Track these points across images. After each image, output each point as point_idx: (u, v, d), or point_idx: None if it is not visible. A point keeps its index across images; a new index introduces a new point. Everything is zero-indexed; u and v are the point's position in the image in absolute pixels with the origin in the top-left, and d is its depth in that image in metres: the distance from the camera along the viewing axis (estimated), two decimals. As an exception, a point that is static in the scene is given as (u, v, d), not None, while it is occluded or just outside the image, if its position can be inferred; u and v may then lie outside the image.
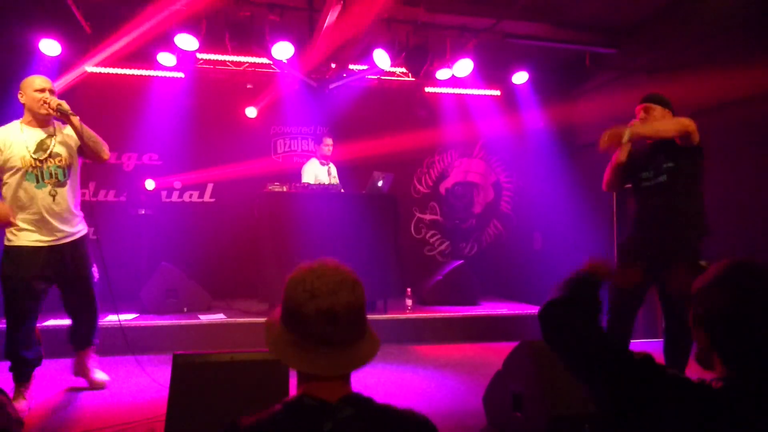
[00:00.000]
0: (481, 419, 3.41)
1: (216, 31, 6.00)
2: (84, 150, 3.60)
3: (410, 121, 8.23)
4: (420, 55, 6.51)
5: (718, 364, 1.27)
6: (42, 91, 3.48)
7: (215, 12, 5.83)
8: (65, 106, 3.45)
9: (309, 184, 6.30)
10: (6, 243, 3.49)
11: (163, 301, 5.79)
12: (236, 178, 7.50)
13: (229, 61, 7.33)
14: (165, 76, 7.31)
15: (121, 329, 4.78)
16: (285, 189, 5.97)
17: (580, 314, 1.45)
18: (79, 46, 6.47)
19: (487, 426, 3.36)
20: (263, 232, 5.99)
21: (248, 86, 7.66)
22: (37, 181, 3.45)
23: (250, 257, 6.77)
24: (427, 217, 8.51)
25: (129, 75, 7.28)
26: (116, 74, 7.22)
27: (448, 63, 6.79)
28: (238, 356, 2.63)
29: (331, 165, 6.72)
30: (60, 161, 3.53)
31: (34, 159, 3.44)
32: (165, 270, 5.87)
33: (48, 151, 3.49)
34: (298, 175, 6.70)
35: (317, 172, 6.58)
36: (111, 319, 5.33)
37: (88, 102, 7.05)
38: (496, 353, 5.05)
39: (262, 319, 5.51)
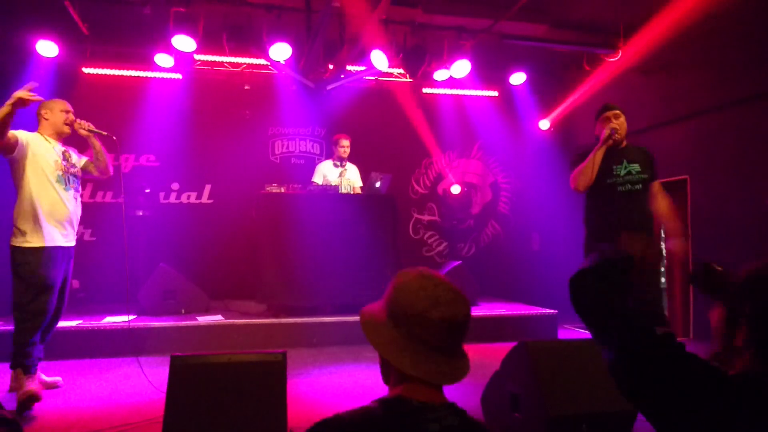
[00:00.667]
0: (479, 419, 3.41)
1: (213, 32, 6.01)
2: (97, 165, 4.07)
3: (408, 122, 8.23)
4: (418, 56, 6.52)
5: (746, 359, 1.28)
6: (68, 112, 3.91)
7: (213, 13, 5.84)
8: (93, 127, 3.96)
9: (316, 185, 6.27)
10: (32, 244, 3.66)
11: (161, 303, 5.78)
12: (234, 180, 7.51)
13: (226, 62, 7.34)
14: (162, 77, 7.32)
15: (129, 330, 4.79)
16: (283, 190, 5.97)
17: (611, 287, 1.42)
18: (77, 47, 6.47)
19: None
20: (261, 234, 5.99)
21: (246, 87, 7.66)
22: (66, 185, 3.82)
23: (248, 258, 6.77)
24: (425, 217, 8.51)
25: (126, 76, 7.28)
26: (114, 75, 7.23)
27: (446, 64, 6.80)
28: (236, 357, 2.62)
29: (349, 166, 6.55)
30: (77, 172, 3.96)
31: (63, 165, 3.82)
32: (163, 271, 5.86)
33: (69, 161, 3.90)
34: (296, 176, 6.68)
35: (327, 173, 6.47)
36: (109, 320, 5.33)
37: (85, 103, 7.05)
38: (494, 354, 5.04)
39: (260, 320, 5.52)
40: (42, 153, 3.71)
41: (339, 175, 6.44)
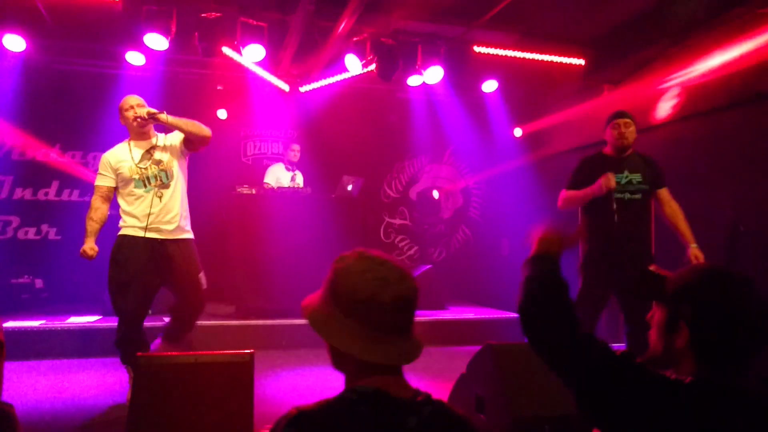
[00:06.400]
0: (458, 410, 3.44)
1: (186, 31, 5.94)
2: (187, 139, 3.84)
3: (381, 126, 8.26)
4: (391, 61, 6.55)
5: (689, 363, 1.30)
6: (130, 108, 3.75)
7: (185, 12, 5.78)
8: (152, 110, 3.72)
9: (268, 185, 6.30)
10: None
11: (128, 303, 5.67)
12: (205, 180, 7.42)
13: (199, 62, 7.25)
14: (134, 75, 7.19)
15: (95, 331, 4.70)
16: (254, 191, 5.95)
17: (553, 309, 1.45)
18: (44, 42, 6.34)
19: (451, 428, 3.39)
20: (231, 235, 5.96)
21: (218, 87, 7.60)
22: (144, 186, 3.73)
23: (218, 259, 6.69)
24: (397, 221, 8.55)
25: (95, 72, 7.14)
26: (83, 71, 7.08)
27: (419, 70, 6.85)
28: (202, 358, 2.61)
29: (298, 173, 6.70)
30: (162, 165, 3.80)
31: (139, 168, 3.72)
32: (130, 272, 5.76)
33: (151, 159, 3.76)
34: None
35: (279, 176, 6.58)
36: (73, 320, 5.23)
37: (54, 99, 6.91)
38: (462, 357, 5.09)
39: (229, 322, 5.49)
40: (123, 165, 3.72)
41: (291, 179, 6.50)
